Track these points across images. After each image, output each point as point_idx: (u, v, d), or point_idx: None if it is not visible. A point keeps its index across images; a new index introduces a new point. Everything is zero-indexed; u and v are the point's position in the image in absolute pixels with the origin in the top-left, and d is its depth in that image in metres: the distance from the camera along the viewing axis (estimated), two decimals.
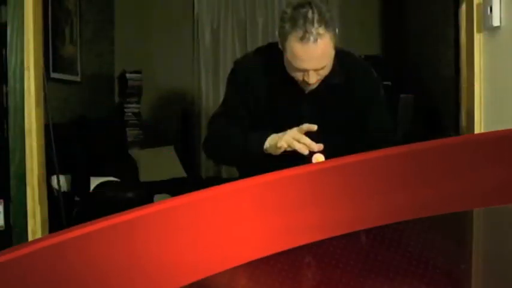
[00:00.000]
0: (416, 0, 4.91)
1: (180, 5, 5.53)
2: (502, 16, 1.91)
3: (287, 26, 1.42)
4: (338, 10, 4.97)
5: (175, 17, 5.52)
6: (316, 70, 1.45)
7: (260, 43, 5.49)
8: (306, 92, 1.58)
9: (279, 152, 1.43)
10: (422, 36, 4.70)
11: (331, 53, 1.45)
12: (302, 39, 1.38)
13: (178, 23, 5.53)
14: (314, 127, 1.39)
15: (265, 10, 5.51)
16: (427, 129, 4.19)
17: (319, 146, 1.39)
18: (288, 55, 1.45)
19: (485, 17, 1.97)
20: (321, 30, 1.39)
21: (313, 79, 1.47)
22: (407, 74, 4.88)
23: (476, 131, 2.09)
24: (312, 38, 1.38)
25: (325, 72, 1.48)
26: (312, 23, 1.38)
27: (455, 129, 3.92)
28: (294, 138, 1.39)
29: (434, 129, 4.13)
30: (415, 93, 4.02)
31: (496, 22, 1.92)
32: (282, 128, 1.60)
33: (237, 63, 1.70)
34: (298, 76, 1.48)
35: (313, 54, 1.41)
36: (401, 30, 5.22)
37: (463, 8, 3.40)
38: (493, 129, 2.03)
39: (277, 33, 1.50)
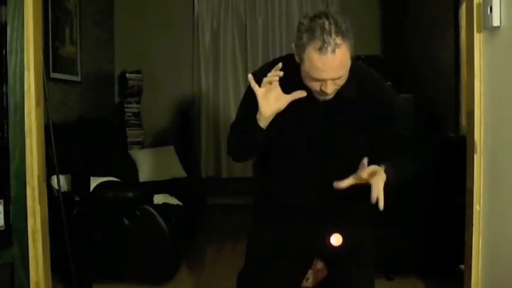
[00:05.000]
0: (416, 0, 4.91)
1: (180, 5, 5.53)
2: (502, 16, 1.91)
3: (304, 37, 1.43)
4: (338, 10, 4.97)
5: (175, 17, 5.52)
6: (333, 80, 1.47)
7: (260, 43, 5.51)
8: (320, 101, 1.60)
9: (262, 100, 1.52)
10: (422, 36, 4.70)
11: (348, 62, 1.46)
12: (320, 49, 1.40)
13: (178, 23, 5.53)
14: (279, 65, 1.47)
15: (265, 10, 5.51)
16: (427, 129, 4.19)
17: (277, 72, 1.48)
18: (305, 66, 1.47)
19: (485, 17, 1.97)
20: (339, 40, 1.40)
21: (331, 89, 1.48)
22: (407, 74, 4.88)
23: (476, 131, 2.09)
24: (330, 49, 1.39)
25: (342, 81, 1.50)
26: (330, 34, 1.39)
27: (455, 129, 3.92)
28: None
29: (434, 129, 4.13)
30: (415, 93, 4.02)
31: (496, 22, 1.92)
32: (293, 135, 1.64)
33: (254, 73, 1.72)
34: (316, 86, 1.50)
35: (332, 64, 1.42)
36: (401, 30, 5.22)
37: (463, 8, 3.40)
38: (493, 129, 2.03)
39: (293, 45, 1.52)
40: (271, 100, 1.53)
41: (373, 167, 1.47)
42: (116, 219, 3.07)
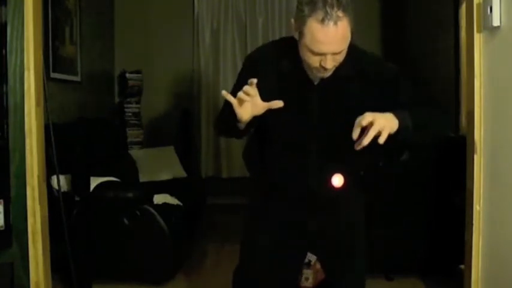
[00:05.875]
0: (416, 0, 4.91)
1: (180, 5, 5.53)
2: (502, 16, 1.90)
3: (306, 9, 1.41)
4: None
5: (175, 17, 5.52)
6: (334, 54, 1.44)
7: (260, 43, 5.49)
8: (316, 83, 1.58)
9: (238, 109, 1.46)
10: (422, 36, 4.70)
11: (348, 37, 1.44)
12: (323, 21, 1.38)
13: (178, 23, 5.53)
14: (254, 80, 1.42)
15: (265, 10, 5.51)
16: None
17: (251, 85, 1.42)
18: (306, 39, 1.43)
19: (485, 17, 1.97)
20: (340, 13, 1.39)
21: (330, 64, 1.46)
22: (407, 74, 4.88)
23: (476, 131, 2.09)
24: (332, 20, 1.38)
25: (341, 57, 1.47)
26: (332, 6, 1.38)
27: (455, 129, 3.93)
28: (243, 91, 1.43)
29: None
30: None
31: (496, 22, 1.91)
32: (289, 117, 1.60)
33: (250, 54, 1.72)
34: (315, 62, 1.46)
35: (334, 37, 1.40)
36: (401, 30, 5.22)
37: (463, 8, 3.41)
38: (493, 129, 2.03)
39: (292, 20, 1.49)
40: (248, 107, 1.47)
41: (371, 114, 1.38)
42: (116, 219, 3.08)
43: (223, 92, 1.46)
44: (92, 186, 3.08)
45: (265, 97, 1.54)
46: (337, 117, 1.59)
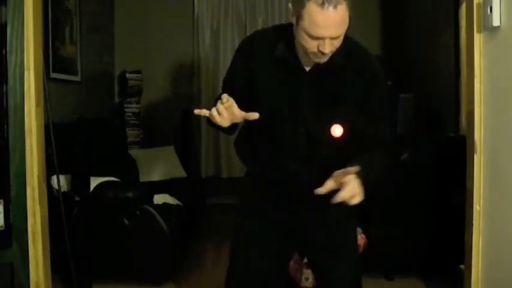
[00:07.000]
0: (416, 0, 4.91)
1: (180, 5, 5.53)
2: (502, 16, 1.91)
3: None
4: None
5: (175, 17, 5.52)
6: (332, 39, 1.44)
7: None
8: (307, 69, 1.58)
9: (215, 121, 1.49)
10: (422, 36, 4.70)
11: (347, 22, 1.44)
12: (322, 4, 1.38)
13: (178, 23, 5.53)
14: (225, 97, 1.44)
15: (265, 10, 5.51)
16: (427, 129, 4.19)
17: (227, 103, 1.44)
18: (305, 23, 1.43)
19: (485, 17, 1.97)
20: None
21: (328, 49, 1.45)
22: (407, 74, 4.88)
23: (476, 131, 2.09)
24: (332, 4, 1.38)
25: (339, 42, 1.48)
26: None
27: (455, 129, 3.93)
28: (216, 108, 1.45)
29: (434, 129, 4.13)
30: (415, 93, 4.02)
31: (496, 22, 1.92)
32: (279, 103, 1.61)
33: (247, 36, 1.74)
34: (313, 46, 1.46)
35: (333, 21, 1.40)
36: (401, 30, 5.22)
37: (463, 8, 3.41)
38: (493, 129, 2.03)
39: (290, 4, 1.49)
40: (225, 118, 1.48)
41: (351, 176, 1.42)
42: (116, 219, 3.07)
43: (196, 111, 1.47)
44: (92, 186, 3.08)
45: (257, 80, 1.59)
46: (325, 105, 1.60)
